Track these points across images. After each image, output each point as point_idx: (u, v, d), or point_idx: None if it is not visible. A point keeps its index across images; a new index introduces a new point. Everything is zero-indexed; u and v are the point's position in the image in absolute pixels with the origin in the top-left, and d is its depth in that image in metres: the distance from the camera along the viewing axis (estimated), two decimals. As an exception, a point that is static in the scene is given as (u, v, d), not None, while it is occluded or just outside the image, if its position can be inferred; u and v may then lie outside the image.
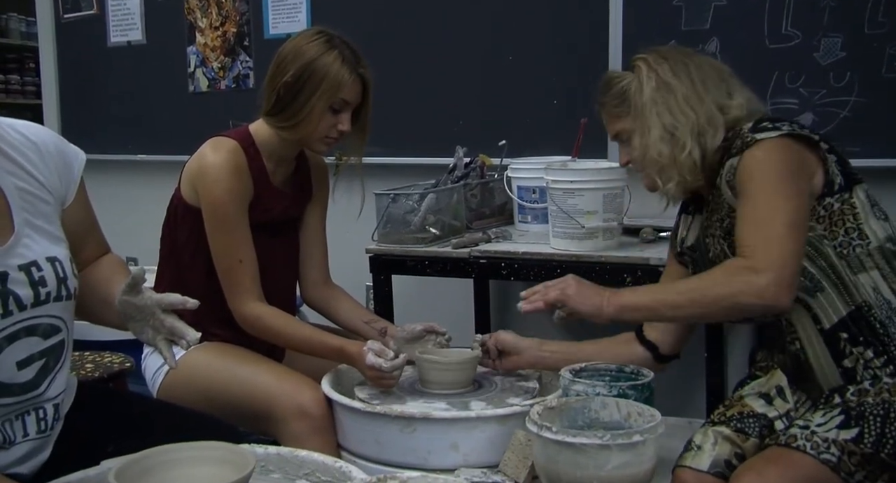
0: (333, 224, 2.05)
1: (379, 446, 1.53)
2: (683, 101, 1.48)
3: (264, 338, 1.76)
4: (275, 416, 1.65)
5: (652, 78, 1.50)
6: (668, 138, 1.47)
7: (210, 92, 3.29)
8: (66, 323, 1.27)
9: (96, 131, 3.55)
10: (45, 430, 1.25)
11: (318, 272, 1.94)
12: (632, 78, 1.53)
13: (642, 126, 1.50)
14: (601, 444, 1.26)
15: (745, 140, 1.40)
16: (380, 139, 2.89)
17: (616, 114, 1.56)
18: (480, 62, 2.74)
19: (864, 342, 1.36)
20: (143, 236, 1.93)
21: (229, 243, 1.71)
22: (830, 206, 1.39)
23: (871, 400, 1.32)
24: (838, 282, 1.37)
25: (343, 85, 1.71)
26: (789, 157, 1.37)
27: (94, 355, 2.27)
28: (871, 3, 2.19)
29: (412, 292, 2.68)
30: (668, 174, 1.48)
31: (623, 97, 1.54)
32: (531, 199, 2.35)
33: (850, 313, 1.37)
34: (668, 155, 1.47)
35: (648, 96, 1.50)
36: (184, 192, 1.78)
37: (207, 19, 3.26)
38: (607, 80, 1.58)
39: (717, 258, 1.48)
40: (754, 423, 1.42)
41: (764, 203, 1.34)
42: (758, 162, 1.37)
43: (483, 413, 1.51)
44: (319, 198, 1.95)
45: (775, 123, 1.41)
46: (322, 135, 1.76)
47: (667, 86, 1.49)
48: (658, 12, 2.43)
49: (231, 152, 1.72)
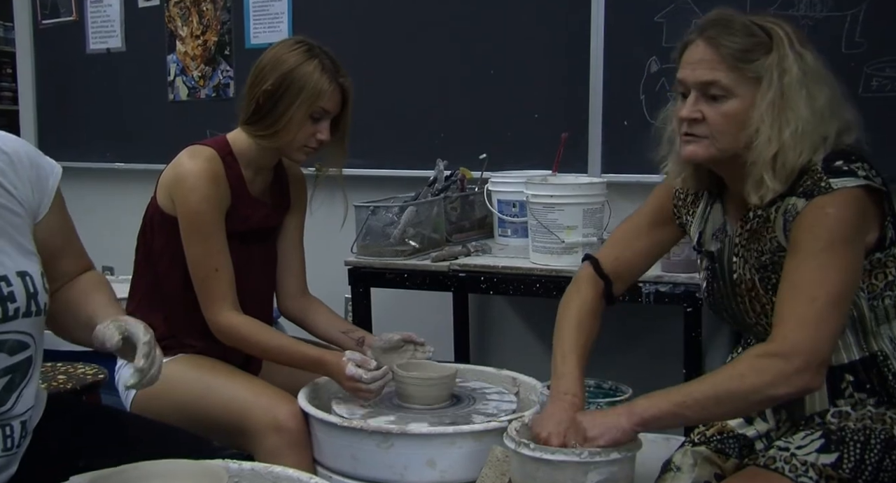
0: (313, 236, 2.04)
1: (355, 462, 1.52)
2: (826, 104, 1.29)
3: (239, 347, 1.74)
4: (250, 430, 1.63)
5: (798, 61, 1.28)
6: (800, 139, 1.27)
7: (190, 101, 3.26)
8: (34, 339, 1.23)
9: (74, 138, 3.52)
10: (12, 448, 1.22)
11: (295, 283, 1.93)
12: (767, 42, 1.29)
13: (777, 112, 1.27)
14: (579, 461, 1.25)
15: (818, 183, 1.25)
16: (360, 151, 2.90)
17: (731, 64, 1.28)
18: (462, 75, 2.74)
19: (870, 390, 1.31)
20: (121, 245, 1.91)
21: (205, 251, 1.70)
22: (878, 261, 1.30)
23: (853, 425, 1.30)
24: (860, 329, 1.32)
25: (323, 94, 1.71)
26: (856, 215, 1.24)
27: (67, 366, 2.23)
28: (847, 24, 2.22)
29: (391, 305, 2.67)
30: (777, 176, 1.28)
31: (751, 55, 1.28)
32: (511, 213, 2.35)
33: (862, 358, 1.32)
34: (790, 157, 1.27)
35: (794, 82, 1.27)
36: (160, 200, 1.76)
37: (188, 28, 3.24)
38: (733, 19, 1.31)
39: (741, 283, 1.38)
40: (734, 443, 1.41)
41: (812, 272, 1.23)
42: (824, 218, 1.23)
43: (460, 429, 1.50)
44: (297, 208, 1.94)
45: (850, 163, 1.26)
46: (301, 144, 1.75)
47: (813, 78, 1.29)
48: (640, 28, 2.45)
49: (208, 160, 1.71)
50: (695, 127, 1.32)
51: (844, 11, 2.22)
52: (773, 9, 2.28)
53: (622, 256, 1.52)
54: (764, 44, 1.29)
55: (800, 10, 2.26)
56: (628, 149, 2.49)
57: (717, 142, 1.31)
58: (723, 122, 1.30)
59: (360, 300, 2.34)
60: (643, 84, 2.46)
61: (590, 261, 1.53)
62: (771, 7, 2.28)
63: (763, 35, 1.29)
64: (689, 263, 2.02)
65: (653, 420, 1.27)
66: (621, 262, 1.52)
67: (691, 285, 2.02)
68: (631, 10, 2.46)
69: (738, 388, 1.23)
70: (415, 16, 2.80)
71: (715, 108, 1.30)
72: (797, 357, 1.21)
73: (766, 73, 1.28)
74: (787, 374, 1.21)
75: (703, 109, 1.31)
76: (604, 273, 1.51)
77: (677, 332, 2.14)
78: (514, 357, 2.74)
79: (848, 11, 2.22)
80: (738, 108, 1.29)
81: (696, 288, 2.00)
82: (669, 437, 1.69)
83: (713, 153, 1.32)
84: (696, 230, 1.47)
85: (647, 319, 2.57)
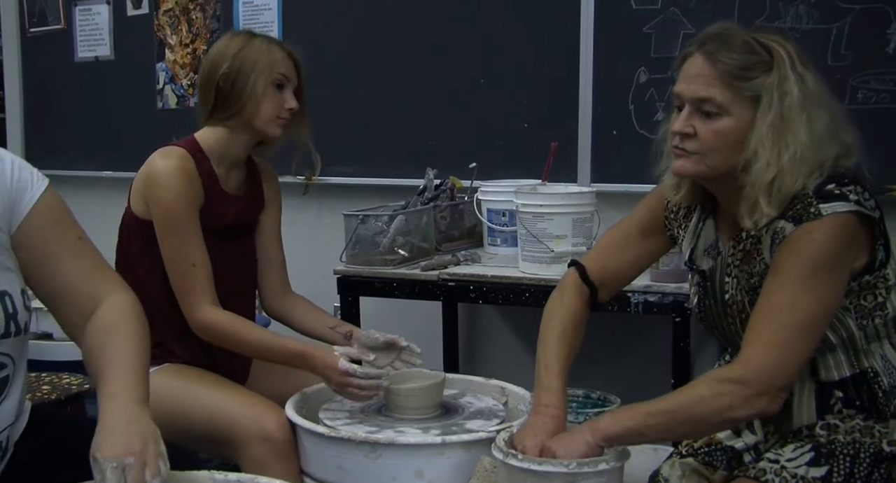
0: (302, 244, 2.04)
1: (342, 472, 1.51)
2: (825, 128, 1.26)
3: (220, 344, 1.72)
4: (236, 440, 1.62)
5: (798, 83, 1.25)
6: (798, 164, 1.24)
7: (179, 109, 3.25)
8: (13, 359, 1.20)
9: (61, 147, 3.50)
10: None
11: (277, 280, 1.92)
12: (767, 61, 1.26)
13: (777, 136, 1.24)
14: (567, 471, 1.25)
15: (808, 208, 1.23)
16: (350, 160, 2.91)
17: (726, 82, 1.26)
18: (452, 84, 2.74)
19: (860, 407, 1.31)
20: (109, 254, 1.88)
21: (181, 247, 1.70)
22: (867, 282, 1.29)
23: (842, 438, 1.30)
24: (851, 348, 1.31)
25: (276, 61, 1.77)
26: (843, 243, 1.22)
27: (52, 376, 2.21)
28: (833, 36, 2.23)
29: (380, 314, 2.66)
30: (773, 201, 1.25)
31: (748, 73, 1.25)
32: (501, 222, 2.35)
33: (853, 375, 1.31)
34: (787, 182, 1.24)
35: (795, 104, 1.24)
36: (134, 206, 1.77)
37: (177, 36, 3.24)
38: (733, 35, 1.28)
39: (733, 304, 1.36)
40: (722, 455, 1.40)
41: (789, 298, 1.22)
42: (810, 244, 1.21)
43: (448, 439, 1.49)
44: (272, 205, 1.93)
45: (842, 186, 1.24)
46: (273, 115, 1.77)
47: (813, 101, 1.26)
48: (628, 39, 2.46)
49: (180, 158, 1.73)
50: (686, 142, 1.30)
51: (830, 24, 2.24)
52: (760, 20, 2.29)
53: (609, 265, 1.51)
54: (764, 62, 1.26)
55: (786, 23, 2.27)
56: (617, 158, 2.50)
57: (706, 159, 1.29)
58: (714, 139, 1.28)
59: (349, 309, 2.33)
60: (632, 94, 2.48)
61: (576, 267, 1.52)
62: (759, 18, 2.30)
63: (764, 53, 1.27)
64: (678, 273, 2.02)
65: (615, 437, 1.27)
66: (608, 271, 1.51)
67: (680, 295, 2.02)
68: (620, 20, 2.48)
69: (699, 411, 1.24)
70: (405, 25, 2.81)
71: (708, 124, 1.28)
72: (757, 382, 1.21)
73: (765, 93, 1.25)
74: (745, 398, 1.21)
75: (696, 125, 1.29)
76: (589, 280, 1.50)
77: (666, 342, 2.14)
78: (504, 366, 2.74)
79: (833, 24, 2.23)
80: (730, 126, 1.27)
81: (684, 298, 2.00)
82: (658, 448, 1.68)
83: (702, 170, 1.31)
84: (689, 245, 1.46)
85: (636, 329, 2.57)
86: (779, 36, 1.31)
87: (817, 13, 2.25)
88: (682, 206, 1.46)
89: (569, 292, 1.50)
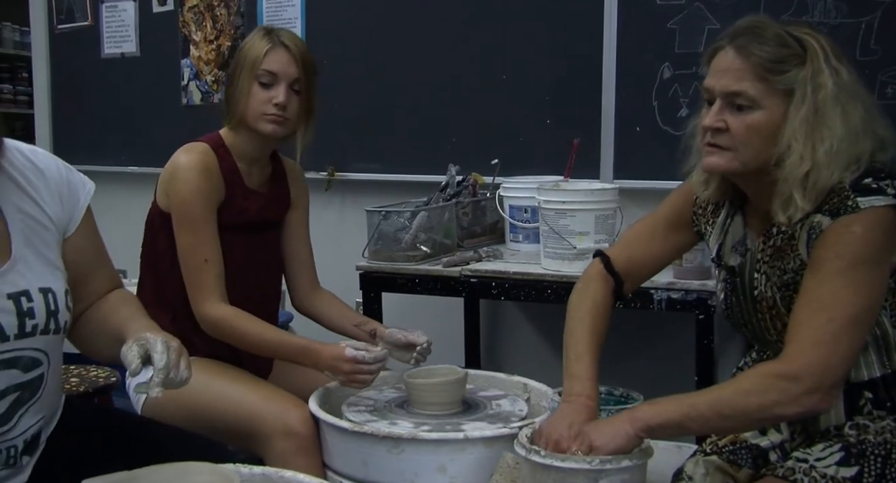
0: (324, 240, 2.05)
1: (365, 467, 1.52)
2: (860, 122, 1.24)
3: (226, 339, 1.73)
4: (260, 434, 1.64)
5: (832, 77, 1.23)
6: (834, 158, 1.23)
7: (203, 105, 3.28)
8: (48, 357, 1.22)
9: (88, 142, 3.54)
10: (14, 463, 1.21)
11: (306, 278, 1.94)
12: (800, 54, 1.25)
13: (811, 129, 1.23)
14: (590, 468, 1.25)
15: (845, 201, 1.22)
16: (373, 156, 2.92)
17: (758, 74, 1.24)
18: (474, 81, 2.74)
19: (890, 408, 1.29)
20: (134, 248, 1.91)
21: (195, 242, 1.71)
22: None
23: (873, 439, 1.28)
24: (884, 346, 1.29)
25: (259, 57, 1.75)
26: (883, 236, 1.21)
27: (80, 369, 2.24)
28: (863, 31, 2.21)
29: (402, 310, 2.67)
30: (808, 195, 1.24)
31: (781, 67, 1.24)
32: (523, 219, 2.35)
33: (884, 376, 1.29)
34: (822, 176, 1.23)
35: (829, 98, 1.23)
36: (159, 200, 1.79)
37: (202, 33, 3.26)
38: (766, 28, 1.27)
39: (762, 300, 1.35)
40: (747, 453, 1.39)
41: (832, 292, 1.20)
42: (849, 237, 1.20)
43: (471, 435, 1.49)
44: (299, 204, 1.94)
45: (879, 180, 1.22)
46: (259, 112, 1.75)
47: (848, 95, 1.24)
48: (653, 34, 2.45)
49: (201, 153, 1.75)
50: (718, 137, 1.28)
51: (859, 18, 2.21)
52: (787, 15, 2.27)
53: (634, 257, 1.50)
54: (797, 55, 1.25)
55: (814, 17, 2.25)
56: (640, 155, 2.48)
57: (739, 154, 1.27)
58: (746, 133, 1.26)
59: (372, 305, 2.34)
60: (655, 90, 2.46)
61: (601, 258, 1.51)
62: (785, 13, 2.27)
63: (797, 46, 1.25)
64: (702, 270, 2.01)
65: (658, 428, 1.26)
66: (633, 263, 1.50)
67: (703, 292, 2.00)
68: (643, 16, 2.46)
69: (745, 406, 1.22)
70: (427, 21, 2.80)
71: (740, 118, 1.26)
72: (808, 378, 1.19)
73: (798, 86, 1.24)
74: (795, 395, 1.19)
75: (728, 119, 1.27)
76: (615, 271, 1.49)
77: (689, 340, 2.13)
78: (525, 363, 2.74)
79: (862, 18, 2.21)
80: (763, 120, 1.25)
81: (708, 295, 1.99)
82: (681, 445, 1.68)
83: (735, 166, 1.29)
84: (716, 242, 1.44)
85: (659, 326, 2.55)
86: (811, 29, 1.29)
87: (846, 7, 2.22)
88: (710, 202, 1.45)
89: (594, 282, 1.49)
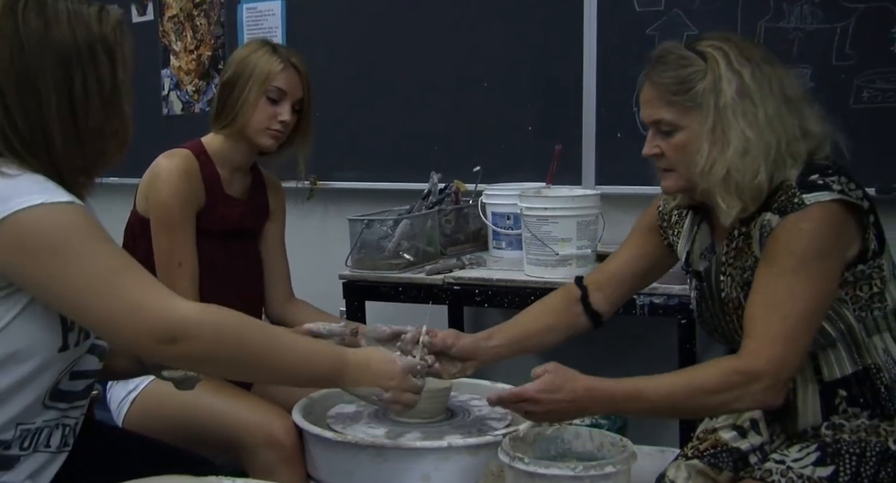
0: (307, 249, 2.05)
1: (349, 477, 1.51)
2: (766, 119, 1.28)
3: None
4: (244, 445, 1.63)
5: (734, 81, 1.28)
6: (745, 158, 1.27)
7: (184, 115, 3.27)
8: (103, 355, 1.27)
9: (67, 153, 3.51)
10: (65, 446, 1.24)
11: (281, 288, 1.95)
12: (702, 68, 1.30)
13: (717, 135, 1.28)
14: (573, 475, 1.25)
15: (791, 198, 1.26)
16: (354, 164, 2.91)
17: (668, 100, 1.32)
18: (455, 88, 2.75)
19: (864, 404, 1.31)
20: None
21: (171, 245, 1.72)
22: (861, 272, 1.29)
23: (848, 437, 1.30)
24: (852, 343, 1.31)
25: (273, 73, 1.77)
26: (831, 231, 1.24)
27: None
28: (837, 36, 2.23)
29: (386, 318, 2.65)
30: (732, 197, 1.29)
31: (686, 86, 1.30)
32: (505, 226, 2.35)
33: (855, 373, 1.31)
34: (740, 176, 1.27)
35: (730, 102, 1.28)
36: (138, 205, 1.80)
37: (182, 43, 3.25)
38: (668, 53, 1.34)
39: (729, 302, 1.39)
40: (728, 456, 1.40)
41: (785, 288, 1.24)
42: (798, 234, 1.24)
43: (455, 443, 1.49)
44: (277, 215, 1.96)
45: (825, 176, 1.26)
46: (263, 126, 1.78)
47: (751, 95, 1.28)
48: (632, 40, 2.46)
49: (183, 158, 1.76)
50: (660, 161, 1.38)
51: (834, 24, 2.23)
52: (763, 21, 2.29)
53: (605, 267, 1.60)
54: (700, 70, 1.30)
55: (791, 23, 2.27)
56: (622, 161, 2.49)
57: (681, 174, 1.36)
58: (675, 154, 1.34)
59: (355, 313, 2.33)
60: (636, 96, 2.46)
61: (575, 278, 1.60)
62: (762, 19, 2.29)
63: (699, 61, 1.31)
64: (683, 276, 2.01)
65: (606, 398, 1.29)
66: (604, 272, 1.58)
67: (685, 297, 2.00)
68: (623, 22, 2.48)
69: (706, 403, 1.27)
70: (407, 30, 2.81)
71: (667, 142, 1.35)
72: (766, 376, 1.23)
73: (703, 98, 1.30)
74: (754, 392, 1.23)
75: (661, 145, 1.36)
76: (582, 283, 1.58)
77: (671, 344, 2.14)
78: (509, 369, 2.73)
79: (837, 24, 2.23)
80: (686, 139, 1.33)
81: (689, 300, 2.00)
82: (665, 450, 1.68)
83: (683, 184, 1.37)
84: (684, 249, 1.49)
85: (642, 331, 2.56)
86: (720, 38, 1.34)
87: (821, 13, 2.24)
88: (672, 213, 1.51)
89: (553, 293, 1.59)
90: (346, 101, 2.88)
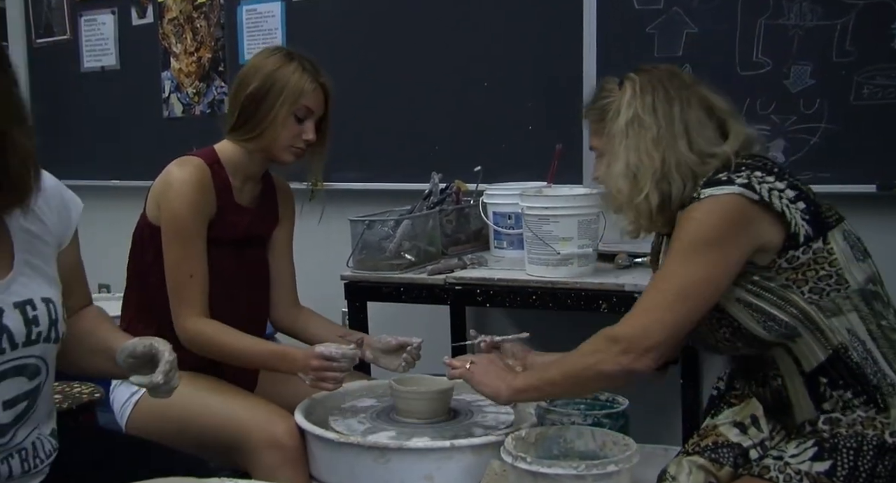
0: (309, 250, 2.05)
1: (352, 477, 1.51)
2: (652, 142, 1.40)
3: (205, 354, 1.72)
4: (247, 446, 1.63)
5: (631, 108, 1.42)
6: (630, 177, 1.41)
7: (185, 117, 3.27)
8: (47, 366, 1.25)
9: (69, 156, 3.51)
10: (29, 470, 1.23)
11: (287, 295, 1.94)
12: (616, 98, 1.45)
13: (610, 155, 1.45)
14: (576, 474, 1.25)
15: (691, 194, 1.37)
16: (355, 165, 2.91)
17: (594, 128, 1.51)
18: (456, 88, 2.75)
19: (844, 385, 1.34)
20: (117, 263, 1.90)
21: (183, 256, 1.71)
22: (795, 258, 1.33)
23: (844, 432, 1.31)
24: (813, 327, 1.34)
25: (304, 93, 1.75)
26: (728, 219, 1.32)
27: (63, 385, 2.22)
28: (837, 33, 2.23)
29: (388, 319, 2.67)
30: (623, 212, 1.44)
31: (602, 114, 1.47)
32: (507, 225, 2.35)
33: (828, 358, 1.34)
34: (626, 194, 1.41)
35: (621, 127, 1.42)
36: (149, 213, 1.78)
37: (182, 45, 3.25)
38: (598, 90, 1.51)
39: None
40: (728, 452, 1.41)
41: (667, 268, 1.36)
42: (690, 222, 1.34)
43: (458, 443, 1.49)
44: (286, 220, 1.95)
45: (735, 173, 1.35)
46: (287, 144, 1.77)
47: (640, 122, 1.41)
48: (632, 39, 2.46)
49: (196, 168, 1.74)
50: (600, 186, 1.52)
51: (834, 20, 2.23)
52: (763, 18, 2.29)
53: None
54: (614, 100, 1.45)
55: (790, 20, 2.27)
56: (622, 159, 2.49)
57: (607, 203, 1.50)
58: (601, 179, 1.49)
59: (357, 314, 2.33)
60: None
61: None
62: (762, 17, 2.29)
63: (616, 92, 1.46)
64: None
65: (522, 391, 1.44)
66: None
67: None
68: (622, 21, 2.47)
69: (578, 365, 1.39)
70: (407, 30, 2.81)
71: (599, 166, 1.51)
72: (624, 340, 1.33)
73: (608, 125, 1.45)
74: (612, 354, 1.34)
75: (597, 169, 1.51)
76: None
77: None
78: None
79: (837, 20, 2.23)
80: (603, 167, 1.47)
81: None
82: (668, 448, 1.69)
83: None
84: (661, 261, 1.54)
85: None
86: (647, 68, 1.47)
87: (821, 9, 2.24)
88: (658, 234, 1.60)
89: None
90: (345, 103, 2.84)
